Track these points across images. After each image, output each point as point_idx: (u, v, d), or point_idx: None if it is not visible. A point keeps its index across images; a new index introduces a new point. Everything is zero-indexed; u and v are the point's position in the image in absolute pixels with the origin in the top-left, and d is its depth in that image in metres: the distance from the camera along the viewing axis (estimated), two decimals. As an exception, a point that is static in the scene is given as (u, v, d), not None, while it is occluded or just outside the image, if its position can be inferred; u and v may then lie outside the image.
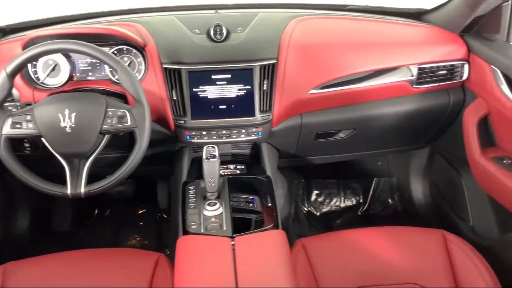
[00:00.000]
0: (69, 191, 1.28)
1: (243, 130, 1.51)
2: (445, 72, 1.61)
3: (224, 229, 1.26)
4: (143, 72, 1.46)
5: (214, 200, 1.34)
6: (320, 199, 2.35)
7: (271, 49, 1.46)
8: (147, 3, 1.80)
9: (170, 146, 1.62)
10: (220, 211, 1.31)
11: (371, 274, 1.30)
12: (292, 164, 2.01)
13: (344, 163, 2.08)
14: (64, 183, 1.29)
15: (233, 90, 1.45)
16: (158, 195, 2.22)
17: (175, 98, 1.44)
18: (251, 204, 1.40)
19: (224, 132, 1.50)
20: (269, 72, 1.45)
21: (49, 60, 1.42)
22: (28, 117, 1.24)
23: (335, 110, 1.61)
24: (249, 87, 1.45)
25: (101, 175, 1.32)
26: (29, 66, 1.42)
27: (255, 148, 1.65)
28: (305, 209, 2.32)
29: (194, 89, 1.44)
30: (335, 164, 2.04)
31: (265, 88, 1.46)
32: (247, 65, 1.44)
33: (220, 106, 1.46)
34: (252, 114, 1.47)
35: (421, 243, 1.38)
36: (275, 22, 1.56)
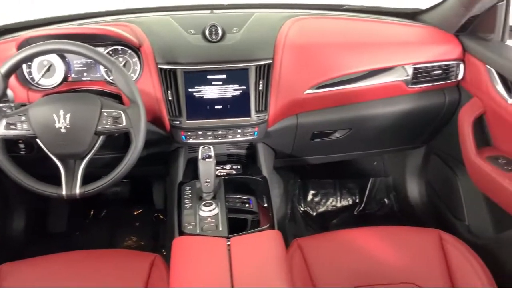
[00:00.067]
0: (64, 192, 1.27)
1: (239, 131, 1.50)
2: (440, 72, 1.62)
3: (220, 229, 1.26)
4: (138, 72, 1.45)
5: (210, 201, 1.34)
6: (316, 199, 2.35)
7: (267, 49, 1.46)
8: (146, 3, 1.80)
9: (166, 147, 1.61)
10: (216, 211, 1.31)
11: (367, 274, 1.30)
12: (288, 164, 2.01)
13: (340, 163, 2.08)
14: (59, 184, 1.28)
15: (229, 90, 1.45)
16: (154, 195, 2.22)
17: (170, 98, 1.43)
18: (247, 205, 1.40)
19: (220, 132, 1.50)
20: (265, 72, 1.45)
21: (44, 61, 1.41)
22: (23, 118, 1.24)
23: (331, 110, 1.61)
24: (244, 87, 1.45)
25: (97, 176, 1.31)
26: (23, 66, 1.41)
27: (251, 148, 1.65)
28: (301, 209, 2.32)
29: (189, 90, 1.43)
30: (331, 164, 2.04)
31: (260, 88, 1.45)
32: (243, 65, 1.43)
33: (216, 107, 1.46)
34: (248, 114, 1.47)
35: (417, 243, 1.38)
36: (271, 22, 1.56)
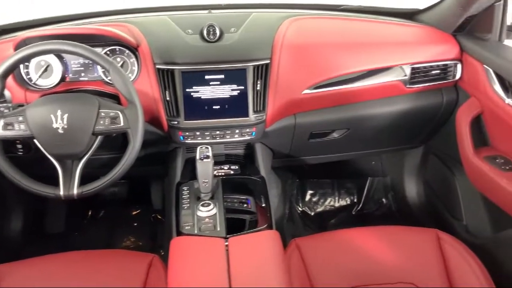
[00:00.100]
0: (61, 192, 1.27)
1: (237, 131, 1.50)
2: (438, 71, 1.62)
3: (218, 229, 1.26)
4: (136, 72, 1.45)
5: (208, 201, 1.34)
6: (315, 199, 2.35)
7: (265, 49, 1.46)
8: (145, 3, 1.80)
9: (164, 147, 1.61)
10: (213, 211, 1.31)
11: (365, 274, 1.30)
12: (286, 164, 2.01)
13: (338, 163, 2.08)
14: (57, 185, 1.28)
15: (227, 91, 1.45)
16: (152, 196, 2.21)
17: (168, 98, 1.43)
18: (245, 205, 1.40)
19: (217, 132, 1.50)
20: (263, 72, 1.45)
21: (41, 61, 1.41)
22: (20, 118, 1.23)
23: (329, 110, 1.61)
24: (242, 87, 1.45)
25: (94, 176, 1.31)
26: (21, 67, 1.41)
27: (249, 148, 1.65)
28: (300, 209, 2.32)
29: (187, 90, 1.43)
30: (329, 164, 2.04)
31: (258, 88, 1.45)
32: (241, 65, 1.43)
33: (214, 107, 1.46)
34: (246, 114, 1.47)
35: (415, 243, 1.38)
36: (269, 22, 1.55)
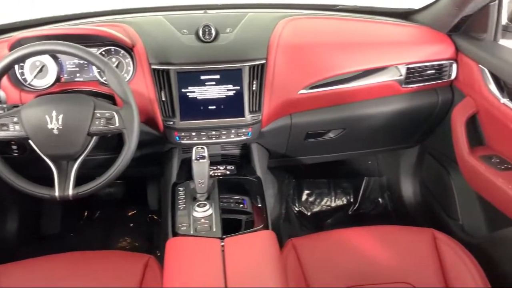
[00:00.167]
0: (57, 193, 1.27)
1: (233, 131, 1.50)
2: (433, 71, 1.62)
3: (214, 230, 1.25)
4: (132, 73, 1.45)
5: (204, 201, 1.33)
6: (311, 199, 2.35)
7: (260, 49, 1.46)
8: (145, 3, 1.79)
9: (160, 147, 1.61)
10: (209, 212, 1.30)
11: (361, 274, 1.30)
12: (282, 164, 2.01)
13: (334, 162, 2.08)
14: (52, 186, 1.28)
15: (222, 91, 1.45)
16: (148, 196, 2.21)
17: (164, 99, 1.43)
18: (241, 205, 1.39)
19: (213, 133, 1.50)
20: (258, 72, 1.45)
21: (36, 61, 1.40)
22: (15, 119, 1.23)
23: (325, 110, 1.61)
24: (238, 87, 1.45)
25: (90, 177, 1.31)
26: (16, 67, 1.40)
27: (245, 148, 1.65)
28: (296, 209, 2.33)
29: (183, 90, 1.43)
30: (326, 163, 2.04)
31: (254, 88, 1.45)
32: (236, 65, 1.43)
33: (210, 107, 1.46)
34: (242, 114, 1.47)
35: (411, 242, 1.39)
36: (264, 22, 1.55)
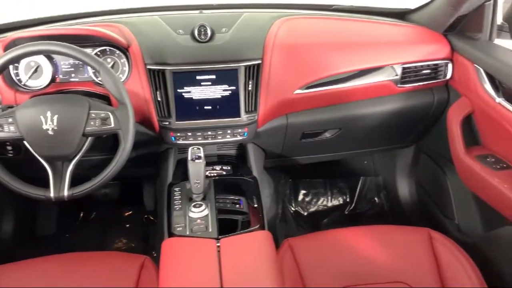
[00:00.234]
0: (52, 194, 1.26)
1: (229, 131, 1.50)
2: (429, 71, 1.62)
3: (210, 231, 1.25)
4: (127, 73, 1.44)
5: (200, 202, 1.33)
6: (307, 199, 2.35)
7: (256, 49, 1.46)
8: (144, 3, 1.79)
9: (155, 148, 1.60)
10: (205, 212, 1.30)
11: (357, 273, 1.30)
12: (279, 164, 2.01)
13: (331, 162, 2.08)
14: (47, 186, 1.27)
15: (218, 91, 1.44)
16: (144, 197, 2.21)
17: (159, 99, 1.43)
18: (237, 205, 1.39)
19: (209, 133, 1.49)
20: (254, 72, 1.45)
21: (31, 62, 1.40)
22: (10, 119, 1.22)
23: (321, 110, 1.61)
24: (234, 87, 1.44)
25: (85, 178, 1.30)
26: (10, 67, 1.40)
27: (241, 148, 1.64)
28: (292, 209, 2.33)
29: (178, 90, 1.43)
30: (322, 163, 2.04)
31: (250, 88, 1.45)
32: (232, 65, 1.43)
33: (205, 107, 1.46)
34: (238, 114, 1.47)
35: (407, 242, 1.39)
36: (260, 22, 1.55)
